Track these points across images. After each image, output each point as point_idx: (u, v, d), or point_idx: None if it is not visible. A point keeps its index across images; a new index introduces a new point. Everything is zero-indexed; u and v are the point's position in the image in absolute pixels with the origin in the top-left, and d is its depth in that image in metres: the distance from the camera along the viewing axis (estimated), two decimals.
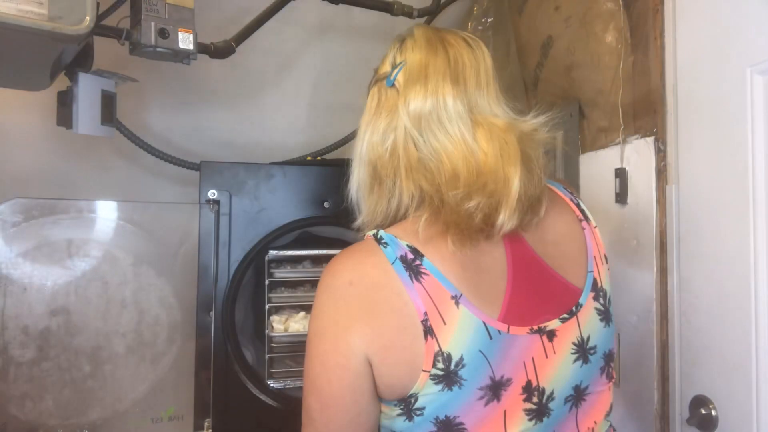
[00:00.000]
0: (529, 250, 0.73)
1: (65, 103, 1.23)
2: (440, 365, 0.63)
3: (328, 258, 1.43)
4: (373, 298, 0.66)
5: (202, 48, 1.31)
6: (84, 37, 0.94)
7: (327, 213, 1.32)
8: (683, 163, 1.12)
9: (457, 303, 0.65)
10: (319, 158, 1.70)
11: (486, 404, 0.65)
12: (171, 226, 1.38)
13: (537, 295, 0.72)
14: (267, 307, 1.30)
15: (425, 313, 0.64)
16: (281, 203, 1.29)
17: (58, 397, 1.28)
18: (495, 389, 0.66)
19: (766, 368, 0.95)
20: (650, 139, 1.16)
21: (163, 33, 1.15)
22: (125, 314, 1.34)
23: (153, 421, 1.35)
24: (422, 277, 0.66)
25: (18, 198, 1.26)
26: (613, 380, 0.78)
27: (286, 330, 1.24)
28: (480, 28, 1.84)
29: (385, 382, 0.65)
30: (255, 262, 1.29)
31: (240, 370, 1.25)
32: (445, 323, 0.64)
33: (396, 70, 0.76)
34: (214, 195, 1.24)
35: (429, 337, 0.64)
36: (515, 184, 0.68)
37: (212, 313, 1.24)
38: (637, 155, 1.18)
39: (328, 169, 1.35)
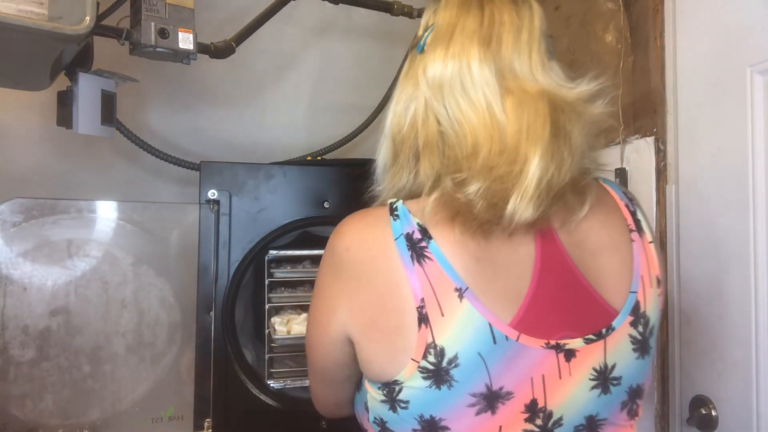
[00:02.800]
0: (562, 253, 0.65)
1: (65, 103, 1.23)
2: (431, 359, 0.58)
3: None
4: (363, 271, 0.62)
5: (202, 48, 1.31)
6: (84, 37, 0.94)
7: (327, 213, 1.32)
8: (683, 163, 1.12)
9: (460, 296, 0.59)
10: (319, 158, 1.69)
11: (477, 413, 0.59)
12: (171, 226, 1.37)
13: (562, 306, 0.63)
14: (267, 307, 1.30)
15: (422, 300, 0.59)
16: (281, 203, 1.29)
17: (58, 397, 1.28)
18: (490, 400, 0.59)
19: (766, 368, 0.95)
20: (650, 139, 1.16)
21: (163, 33, 1.15)
22: (125, 314, 1.34)
23: (153, 421, 1.35)
24: (425, 261, 0.60)
25: (18, 198, 1.26)
26: (638, 418, 0.68)
27: (288, 332, 1.24)
28: None
29: (365, 358, 0.64)
30: (255, 262, 1.29)
31: (240, 370, 1.25)
32: (443, 315, 0.58)
33: (426, 34, 0.69)
34: (214, 195, 1.24)
35: (423, 326, 0.58)
36: (533, 165, 0.58)
37: (212, 313, 1.24)
38: (637, 155, 1.19)
39: (328, 169, 1.35)
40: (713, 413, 1.04)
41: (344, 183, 1.34)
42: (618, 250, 0.68)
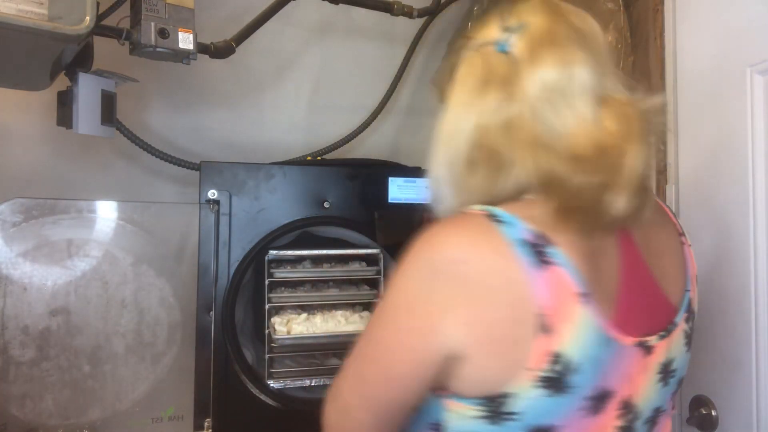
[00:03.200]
0: (638, 252, 0.67)
1: (65, 103, 1.23)
2: (553, 367, 0.57)
3: (328, 258, 1.44)
4: (482, 282, 0.58)
5: (202, 48, 1.31)
6: (84, 37, 0.94)
7: (327, 213, 1.32)
8: (683, 163, 1.12)
9: (580, 300, 0.58)
10: (319, 158, 1.69)
11: (586, 416, 0.60)
12: (171, 226, 1.38)
13: (643, 304, 0.66)
14: (267, 307, 1.30)
15: (545, 307, 0.57)
16: (281, 203, 1.29)
17: (58, 397, 1.28)
18: (599, 400, 0.60)
19: (766, 368, 0.95)
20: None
21: (163, 33, 1.15)
22: (125, 314, 1.34)
23: (153, 421, 1.35)
24: (547, 266, 0.58)
25: (18, 198, 1.26)
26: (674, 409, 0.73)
27: (288, 332, 1.24)
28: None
29: (475, 376, 0.59)
30: (255, 262, 1.29)
31: (240, 370, 1.25)
32: (565, 321, 0.57)
33: (512, 35, 0.66)
34: (214, 195, 1.24)
35: (543, 334, 0.57)
36: (634, 164, 0.60)
37: (212, 313, 1.24)
38: None
39: (328, 169, 1.35)
40: (713, 413, 1.04)
41: (344, 183, 1.34)
42: (675, 252, 0.73)
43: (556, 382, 0.57)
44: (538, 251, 0.58)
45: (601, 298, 0.61)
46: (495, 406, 0.59)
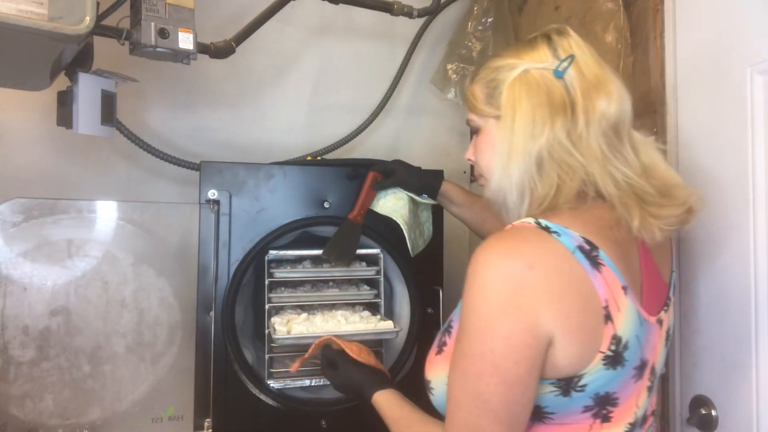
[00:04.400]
0: (646, 243, 0.80)
1: (65, 103, 1.23)
2: (612, 347, 0.70)
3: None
4: (559, 282, 0.68)
5: (202, 48, 1.31)
6: (84, 37, 0.94)
7: (327, 213, 1.32)
8: (683, 163, 1.12)
9: (626, 292, 0.72)
10: (319, 158, 1.69)
11: (635, 382, 0.75)
12: (171, 226, 1.37)
13: (656, 287, 0.81)
14: (267, 307, 1.30)
15: (606, 300, 0.70)
16: (281, 203, 1.29)
17: (58, 397, 1.28)
18: (641, 369, 0.75)
19: (766, 368, 0.95)
20: (650, 139, 1.16)
21: (163, 33, 1.15)
22: (125, 314, 1.34)
23: (153, 421, 1.35)
24: (601, 268, 0.71)
25: (18, 198, 1.26)
26: None
27: (289, 332, 1.23)
28: (480, 28, 1.84)
29: (562, 362, 0.69)
30: (255, 262, 1.29)
31: (240, 370, 1.25)
32: (619, 310, 0.71)
33: (566, 63, 0.78)
34: (214, 195, 1.24)
35: (609, 322, 0.70)
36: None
37: (212, 313, 1.24)
38: None
39: (328, 169, 1.34)
40: (713, 413, 1.04)
41: (344, 183, 1.34)
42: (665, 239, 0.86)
43: (614, 359, 0.71)
44: (592, 255, 0.71)
45: (633, 289, 0.75)
46: (568, 384, 0.71)
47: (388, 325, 1.27)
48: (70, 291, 1.29)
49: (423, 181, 1.31)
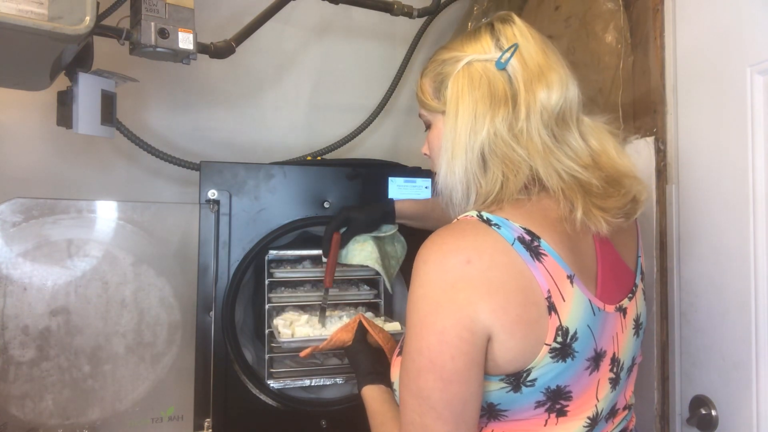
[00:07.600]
0: (604, 235, 0.78)
1: (65, 103, 1.23)
2: (559, 339, 0.68)
3: None
4: (498, 275, 0.67)
5: (202, 48, 1.31)
6: (84, 37, 0.94)
7: (327, 213, 1.32)
8: (683, 163, 1.12)
9: (571, 282, 0.70)
10: (319, 158, 1.69)
11: (590, 374, 0.72)
12: (171, 226, 1.38)
13: (616, 276, 0.79)
14: (267, 307, 1.30)
15: (548, 291, 0.68)
16: (281, 203, 1.29)
17: (58, 397, 1.28)
18: (596, 360, 0.73)
19: (766, 368, 0.95)
20: (650, 139, 1.16)
21: (163, 33, 1.15)
22: (125, 314, 1.34)
23: (153, 421, 1.35)
24: (542, 258, 0.69)
25: (18, 198, 1.26)
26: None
27: (292, 335, 1.22)
28: None
29: (505, 356, 0.68)
30: (255, 262, 1.29)
31: (240, 370, 1.25)
32: (564, 300, 0.69)
33: (508, 54, 0.76)
34: (214, 195, 1.24)
35: (552, 313, 0.68)
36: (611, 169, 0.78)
37: (212, 313, 1.24)
38: (637, 155, 1.18)
39: (328, 169, 1.34)
40: (713, 413, 1.04)
41: (344, 183, 1.34)
42: (630, 225, 0.86)
43: (562, 351, 0.69)
44: (533, 246, 0.69)
45: (585, 278, 0.73)
46: (517, 379, 0.69)
47: (395, 326, 1.26)
48: (70, 291, 1.29)
49: (377, 214, 1.23)
